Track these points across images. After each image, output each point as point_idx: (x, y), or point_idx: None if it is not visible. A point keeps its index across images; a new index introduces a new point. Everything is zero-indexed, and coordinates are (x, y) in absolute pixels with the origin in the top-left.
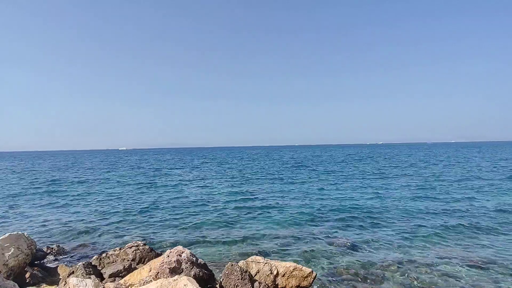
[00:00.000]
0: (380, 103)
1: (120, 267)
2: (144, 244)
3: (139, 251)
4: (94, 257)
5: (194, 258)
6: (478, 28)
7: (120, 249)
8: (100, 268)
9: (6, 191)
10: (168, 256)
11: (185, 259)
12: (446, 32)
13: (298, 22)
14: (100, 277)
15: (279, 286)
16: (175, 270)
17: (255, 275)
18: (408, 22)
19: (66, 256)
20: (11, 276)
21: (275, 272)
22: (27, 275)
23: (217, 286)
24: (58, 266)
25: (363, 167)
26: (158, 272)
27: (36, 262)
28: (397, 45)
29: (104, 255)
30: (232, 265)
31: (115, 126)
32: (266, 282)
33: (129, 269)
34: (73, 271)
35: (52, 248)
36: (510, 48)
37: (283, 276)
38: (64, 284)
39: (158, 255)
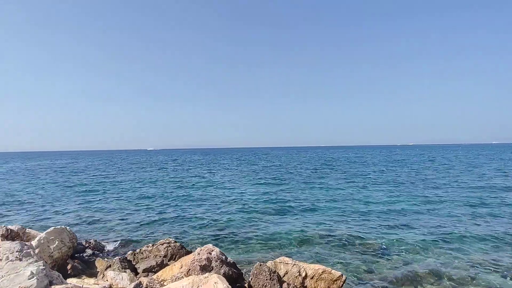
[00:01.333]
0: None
1: (153, 263)
2: (175, 241)
3: (170, 248)
4: (129, 253)
5: (224, 257)
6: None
7: (152, 245)
8: (134, 263)
9: (48, 189)
10: (199, 254)
11: (215, 257)
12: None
13: (305, 15)
14: (135, 271)
15: None
16: (205, 268)
17: (283, 276)
18: (443, 14)
19: (102, 250)
20: (55, 267)
21: (303, 274)
22: (69, 266)
23: (246, 285)
24: (96, 259)
25: (397, 171)
26: (189, 269)
27: (76, 255)
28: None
29: (138, 250)
30: (260, 265)
31: (143, 127)
32: (295, 284)
33: (161, 265)
34: (110, 265)
35: (90, 242)
36: None
37: (312, 278)
38: (102, 277)
39: (188, 252)
